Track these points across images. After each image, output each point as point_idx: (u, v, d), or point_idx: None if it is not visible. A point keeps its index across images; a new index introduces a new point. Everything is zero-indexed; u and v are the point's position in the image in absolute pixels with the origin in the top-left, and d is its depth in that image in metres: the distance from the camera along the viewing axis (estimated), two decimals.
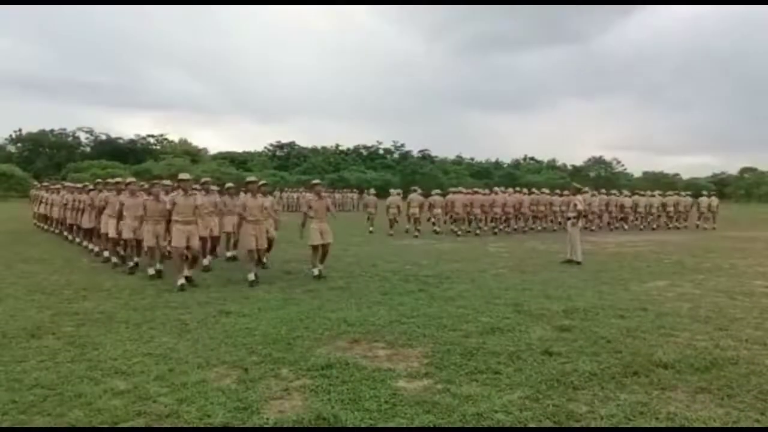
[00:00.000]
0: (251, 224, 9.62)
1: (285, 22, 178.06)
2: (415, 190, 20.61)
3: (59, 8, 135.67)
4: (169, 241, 9.78)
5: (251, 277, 9.25)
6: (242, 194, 10.87)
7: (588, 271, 11.05)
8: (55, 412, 4.02)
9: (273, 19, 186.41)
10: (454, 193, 21.05)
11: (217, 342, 5.80)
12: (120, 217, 10.78)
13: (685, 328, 6.57)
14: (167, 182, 11.86)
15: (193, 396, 4.32)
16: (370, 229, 20.43)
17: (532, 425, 3.88)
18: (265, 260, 10.86)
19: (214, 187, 12.43)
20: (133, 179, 11.44)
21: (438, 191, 21.67)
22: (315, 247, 9.98)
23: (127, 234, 10.60)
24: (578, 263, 12.04)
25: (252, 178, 10.36)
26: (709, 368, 5.06)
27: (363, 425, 3.84)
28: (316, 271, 9.91)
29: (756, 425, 3.94)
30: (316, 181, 10.90)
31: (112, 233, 11.21)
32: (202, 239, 10.51)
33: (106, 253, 11.87)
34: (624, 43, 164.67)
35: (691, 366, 5.09)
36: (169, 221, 9.46)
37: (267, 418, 3.93)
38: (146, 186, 11.46)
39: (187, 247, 9.11)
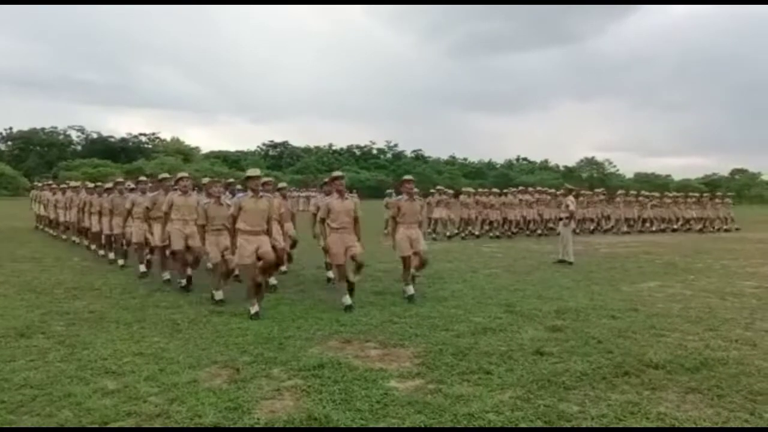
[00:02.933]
0: (338, 233, 7.63)
1: (279, 22, 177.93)
2: (433, 192, 18.72)
3: (52, 8, 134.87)
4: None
5: (347, 301, 7.33)
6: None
7: (580, 272, 11.08)
8: (45, 412, 3.99)
9: (267, 18, 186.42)
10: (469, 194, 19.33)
11: (208, 342, 5.77)
12: (165, 221, 8.84)
13: (675, 328, 6.60)
14: (207, 179, 9.49)
15: (183, 396, 4.29)
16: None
17: (523, 425, 3.88)
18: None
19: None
20: (185, 174, 9.44)
21: (450, 191, 19.61)
22: (405, 259, 8.14)
23: (177, 245, 8.64)
24: (570, 263, 12.08)
25: (338, 173, 7.99)
26: (700, 368, 5.08)
27: (354, 425, 3.84)
28: (410, 290, 7.98)
29: (746, 425, 3.96)
30: (408, 177, 8.47)
31: (157, 242, 9.25)
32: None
33: (142, 267, 9.86)
34: (618, 45, 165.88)
35: (682, 366, 5.11)
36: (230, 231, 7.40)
37: (258, 418, 3.92)
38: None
39: (259, 259, 7.12)
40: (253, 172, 7.44)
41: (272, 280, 8.60)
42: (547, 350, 5.55)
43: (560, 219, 13.21)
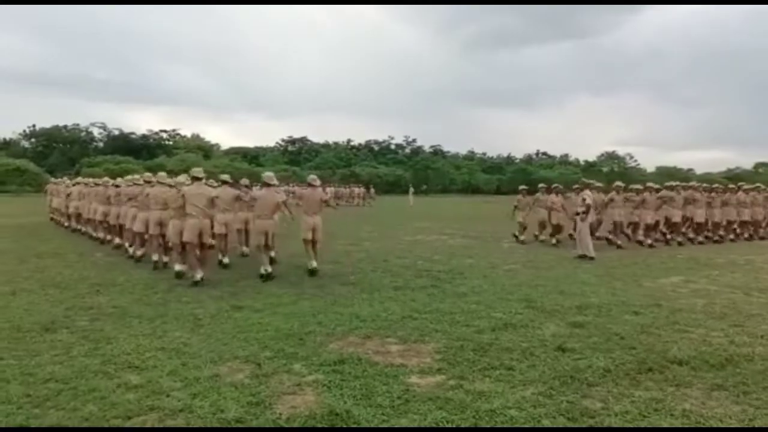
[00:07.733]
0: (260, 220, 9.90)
1: (295, 21, 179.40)
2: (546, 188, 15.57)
3: (69, 7, 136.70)
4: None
5: (263, 269, 9.42)
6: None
7: (601, 267, 10.96)
8: (69, 407, 4.05)
9: (283, 17, 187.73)
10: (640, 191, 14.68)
11: (229, 337, 5.82)
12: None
13: (699, 324, 6.50)
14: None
15: (206, 391, 4.33)
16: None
17: (545, 422, 3.85)
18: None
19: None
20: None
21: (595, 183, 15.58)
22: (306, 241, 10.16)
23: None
24: (591, 258, 11.96)
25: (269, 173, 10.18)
26: (725, 365, 5.01)
27: (375, 421, 3.84)
28: (312, 264, 9.91)
29: None
30: (313, 178, 10.79)
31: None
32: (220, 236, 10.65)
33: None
34: (635, 39, 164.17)
35: (706, 363, 5.04)
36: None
37: (280, 413, 3.94)
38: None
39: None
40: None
41: (226, 260, 10.72)
42: (569, 346, 5.50)
43: (577, 213, 13.06)
